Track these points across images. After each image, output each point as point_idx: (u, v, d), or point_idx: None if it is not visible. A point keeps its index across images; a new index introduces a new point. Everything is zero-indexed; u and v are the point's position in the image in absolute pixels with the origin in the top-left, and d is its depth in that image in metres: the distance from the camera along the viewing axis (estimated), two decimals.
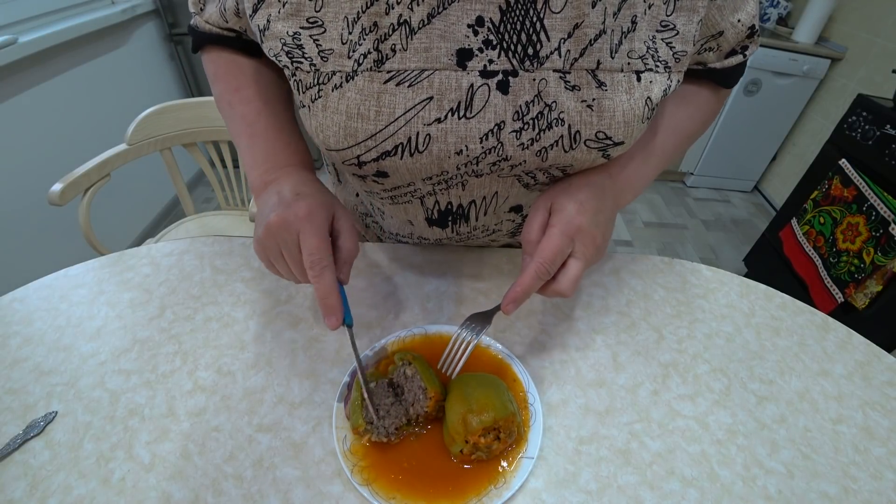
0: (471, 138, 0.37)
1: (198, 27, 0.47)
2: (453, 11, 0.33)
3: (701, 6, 0.36)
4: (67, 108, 1.54)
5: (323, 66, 0.35)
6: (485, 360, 0.47)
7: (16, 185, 1.35)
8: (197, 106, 1.07)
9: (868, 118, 1.44)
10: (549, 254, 0.38)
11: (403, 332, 0.49)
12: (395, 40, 0.34)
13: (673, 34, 0.37)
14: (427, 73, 0.35)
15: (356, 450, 0.39)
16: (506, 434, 0.38)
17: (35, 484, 0.37)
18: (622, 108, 0.36)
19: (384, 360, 0.47)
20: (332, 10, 0.34)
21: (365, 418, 0.39)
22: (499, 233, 0.54)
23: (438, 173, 0.41)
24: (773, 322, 0.55)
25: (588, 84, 0.36)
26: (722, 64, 0.44)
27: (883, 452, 0.42)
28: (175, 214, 2.12)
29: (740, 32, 0.42)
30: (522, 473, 0.38)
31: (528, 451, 0.40)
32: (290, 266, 0.39)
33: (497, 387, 0.41)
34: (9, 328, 0.49)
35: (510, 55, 0.35)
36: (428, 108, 0.36)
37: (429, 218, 0.50)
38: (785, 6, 2.41)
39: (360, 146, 0.37)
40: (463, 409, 0.38)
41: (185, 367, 0.46)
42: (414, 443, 0.41)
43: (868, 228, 1.37)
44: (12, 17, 1.35)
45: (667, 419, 0.44)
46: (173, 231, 1.19)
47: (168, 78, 2.12)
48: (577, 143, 0.38)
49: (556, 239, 0.38)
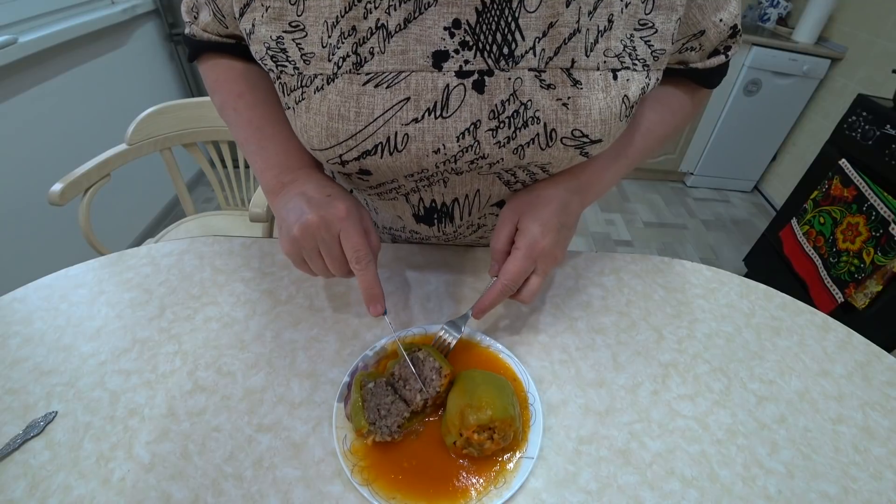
0: (448, 137, 0.38)
1: (195, 36, 0.47)
2: (430, 16, 0.34)
3: (679, 4, 0.37)
4: (67, 108, 1.54)
5: (305, 69, 0.36)
6: (484, 359, 0.47)
7: (16, 185, 1.35)
8: (197, 106, 1.07)
9: (868, 118, 1.44)
10: (513, 274, 0.42)
11: (403, 332, 0.49)
12: (372, 43, 0.35)
13: (651, 32, 0.37)
14: (404, 75, 0.36)
15: (356, 450, 0.39)
16: (500, 436, 0.38)
17: (35, 484, 0.37)
18: (598, 107, 0.37)
19: (383, 359, 0.47)
20: (313, 14, 0.35)
21: (367, 419, 0.39)
22: (484, 228, 0.55)
23: (419, 171, 0.42)
24: (773, 322, 0.55)
25: (563, 82, 0.36)
26: (704, 64, 0.45)
27: (883, 452, 0.42)
28: (175, 214, 2.12)
29: (722, 32, 0.42)
30: (523, 473, 0.38)
31: (529, 451, 0.40)
32: (329, 262, 0.41)
33: (503, 389, 0.41)
34: (9, 328, 0.49)
35: (485, 55, 0.35)
36: (405, 109, 0.37)
37: (416, 214, 0.52)
38: (785, 6, 2.41)
39: (341, 146, 0.39)
40: (463, 402, 0.39)
41: (185, 367, 0.46)
42: (414, 442, 0.41)
43: (868, 228, 1.36)
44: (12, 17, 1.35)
45: (667, 419, 0.44)
46: (173, 231, 1.19)
47: (168, 78, 2.12)
48: (553, 141, 0.38)
49: (520, 262, 0.42)
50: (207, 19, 0.44)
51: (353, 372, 0.45)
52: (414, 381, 0.41)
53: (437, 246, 0.62)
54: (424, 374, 0.42)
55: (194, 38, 0.47)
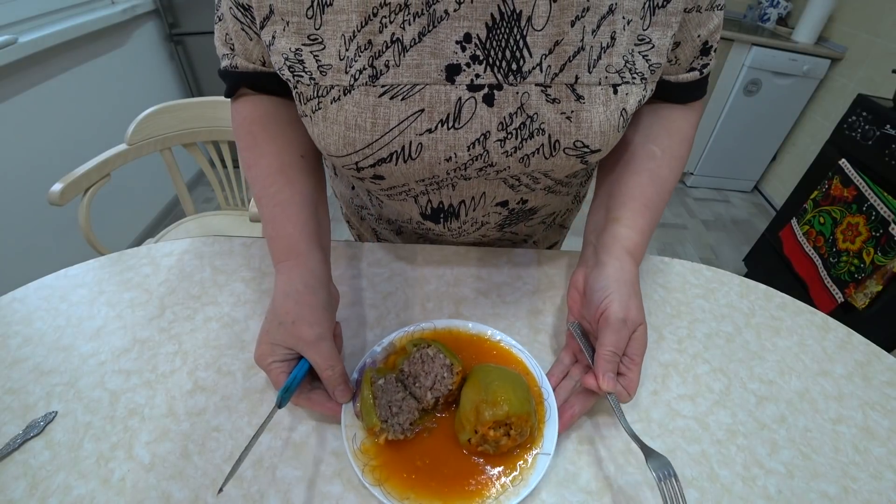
0: (459, 147, 0.40)
1: (237, 67, 0.44)
2: (442, 29, 0.35)
3: (674, 21, 0.39)
4: (67, 108, 1.54)
5: (322, 79, 0.37)
6: (495, 354, 0.47)
7: (16, 185, 1.35)
8: (197, 106, 1.07)
9: (868, 118, 1.44)
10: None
11: (411, 327, 0.49)
12: (388, 57, 0.36)
13: (649, 47, 0.39)
14: (418, 88, 0.37)
15: (367, 449, 0.39)
16: (517, 432, 0.37)
17: (35, 484, 0.37)
18: (598, 120, 0.39)
19: (392, 355, 0.46)
20: (331, 28, 0.36)
21: (379, 416, 0.38)
22: (487, 226, 0.55)
23: (430, 177, 0.44)
24: (773, 322, 0.55)
25: (567, 97, 0.38)
26: (677, 78, 0.46)
27: (883, 452, 0.42)
28: (175, 214, 2.12)
29: (696, 47, 0.43)
30: (540, 470, 0.37)
31: (545, 447, 0.39)
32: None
33: (518, 383, 0.40)
34: (9, 328, 0.49)
35: (495, 70, 0.37)
36: (420, 120, 0.38)
37: (423, 213, 0.52)
38: (785, 6, 2.41)
39: (357, 154, 0.40)
40: (478, 397, 0.38)
41: (185, 367, 0.46)
42: (427, 439, 0.40)
43: (868, 228, 1.37)
44: (12, 17, 1.35)
45: (667, 419, 0.44)
46: (173, 231, 1.19)
47: (168, 78, 2.12)
48: (557, 151, 0.40)
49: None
50: (247, 46, 0.43)
51: (361, 368, 0.44)
52: (424, 377, 0.41)
53: (437, 246, 0.62)
54: (435, 371, 0.41)
55: (237, 70, 0.44)
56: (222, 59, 0.46)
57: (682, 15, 0.40)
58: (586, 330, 0.44)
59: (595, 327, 0.41)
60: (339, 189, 0.68)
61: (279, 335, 0.39)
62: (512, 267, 0.59)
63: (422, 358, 0.42)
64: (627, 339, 0.39)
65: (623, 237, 0.44)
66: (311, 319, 0.39)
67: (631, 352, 0.39)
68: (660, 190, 0.47)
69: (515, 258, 0.60)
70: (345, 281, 0.56)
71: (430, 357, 0.42)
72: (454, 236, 0.58)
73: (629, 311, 0.39)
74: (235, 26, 0.41)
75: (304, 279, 0.41)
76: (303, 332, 0.38)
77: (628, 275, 0.41)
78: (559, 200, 0.58)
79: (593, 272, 0.43)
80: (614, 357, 0.38)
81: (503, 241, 0.65)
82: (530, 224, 0.61)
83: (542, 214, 0.59)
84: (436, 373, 0.41)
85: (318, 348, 0.38)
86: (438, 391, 0.40)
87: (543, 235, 0.70)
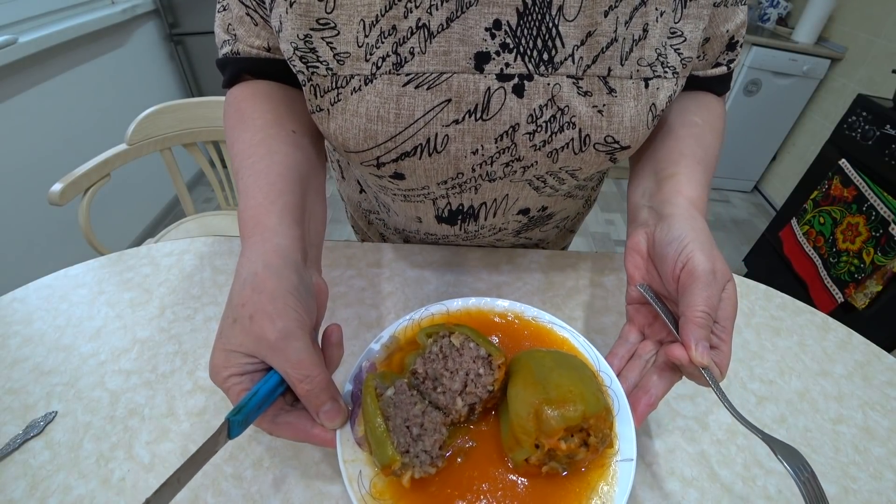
0: (486, 139, 0.38)
1: (239, 53, 0.42)
2: (471, 15, 0.34)
3: (706, 14, 0.38)
4: (67, 108, 1.54)
5: (340, 69, 0.35)
6: (534, 335, 0.36)
7: (16, 185, 1.35)
8: (197, 106, 1.07)
9: (868, 118, 1.44)
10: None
11: (417, 313, 0.37)
12: (413, 43, 0.34)
13: (681, 41, 0.38)
14: (446, 76, 0.35)
15: (380, 491, 0.27)
16: (597, 439, 0.27)
17: (35, 484, 0.37)
18: (629, 114, 0.38)
19: (396, 352, 0.36)
20: (346, 12, 0.33)
21: (398, 447, 0.27)
22: (504, 231, 0.54)
23: (454, 175, 0.42)
24: (773, 322, 0.54)
25: (600, 90, 0.37)
26: (705, 73, 0.46)
27: (883, 452, 0.42)
28: (175, 214, 2.12)
29: (723, 42, 0.43)
30: (624, 483, 0.28)
31: (624, 452, 0.29)
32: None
33: (584, 372, 0.30)
34: (9, 328, 0.49)
35: (526, 59, 0.35)
36: (446, 110, 0.36)
37: (439, 216, 0.51)
38: (785, 6, 2.41)
39: (379, 147, 0.38)
40: (536, 397, 0.28)
41: (185, 367, 0.46)
42: (463, 465, 0.28)
43: (868, 228, 1.37)
44: (12, 17, 1.35)
45: (667, 419, 0.44)
46: (173, 231, 1.19)
47: (168, 78, 2.12)
48: (587, 147, 0.39)
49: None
50: (248, 31, 0.40)
51: (356, 376, 0.34)
52: (450, 379, 0.30)
53: (437, 246, 0.62)
54: (465, 368, 0.30)
55: (239, 55, 0.41)
56: (222, 47, 0.42)
57: (712, 9, 0.39)
58: (659, 294, 0.36)
59: (673, 287, 0.33)
60: (346, 192, 0.67)
61: (235, 337, 0.29)
62: (512, 267, 0.59)
63: (443, 352, 0.32)
64: (719, 296, 0.31)
65: (685, 191, 0.38)
66: (273, 310, 0.28)
67: (721, 317, 0.31)
68: (707, 153, 0.42)
69: (516, 258, 0.60)
70: (344, 281, 0.56)
71: (456, 349, 0.31)
72: (468, 240, 0.56)
73: (716, 261, 0.32)
74: (241, 11, 0.40)
75: (265, 258, 0.30)
76: (264, 328, 0.28)
77: (702, 224, 0.35)
78: (574, 204, 0.58)
79: (660, 227, 0.36)
80: (709, 319, 0.30)
81: (516, 246, 0.64)
82: (545, 230, 0.60)
83: (557, 219, 0.58)
84: (466, 370, 0.30)
85: (284, 351, 0.28)
86: (474, 395, 0.29)
87: (554, 240, 0.69)
